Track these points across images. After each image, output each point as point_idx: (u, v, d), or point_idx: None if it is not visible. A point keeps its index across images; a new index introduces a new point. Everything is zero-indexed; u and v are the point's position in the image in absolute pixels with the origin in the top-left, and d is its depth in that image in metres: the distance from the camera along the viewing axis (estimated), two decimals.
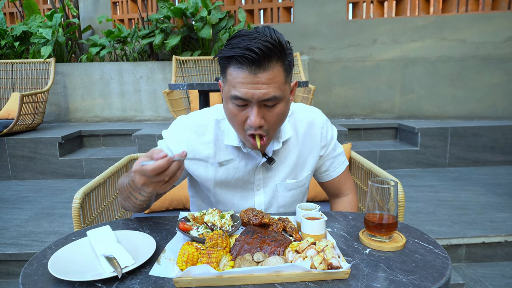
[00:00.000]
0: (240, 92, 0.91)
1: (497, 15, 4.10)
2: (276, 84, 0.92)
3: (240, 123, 0.97)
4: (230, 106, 0.97)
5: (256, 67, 0.89)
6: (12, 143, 3.59)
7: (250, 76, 0.90)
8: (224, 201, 1.17)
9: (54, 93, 4.66)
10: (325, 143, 1.21)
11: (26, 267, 0.80)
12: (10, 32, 4.57)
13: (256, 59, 0.88)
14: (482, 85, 4.26)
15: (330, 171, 1.26)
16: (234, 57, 0.89)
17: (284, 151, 1.15)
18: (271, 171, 1.15)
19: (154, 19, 4.48)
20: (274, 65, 0.91)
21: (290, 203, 1.20)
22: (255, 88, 0.90)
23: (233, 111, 0.96)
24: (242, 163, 1.12)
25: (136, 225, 1.04)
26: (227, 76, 0.94)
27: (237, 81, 0.91)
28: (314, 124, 1.19)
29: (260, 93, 0.91)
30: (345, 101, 4.61)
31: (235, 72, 0.91)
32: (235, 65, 0.91)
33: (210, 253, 0.78)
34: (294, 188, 1.19)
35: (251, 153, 1.11)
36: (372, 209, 0.91)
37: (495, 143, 3.73)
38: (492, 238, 2.17)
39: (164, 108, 4.68)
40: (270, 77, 0.90)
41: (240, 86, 0.91)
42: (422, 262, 0.81)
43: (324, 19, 4.48)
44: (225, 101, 0.99)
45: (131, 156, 1.88)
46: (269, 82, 0.91)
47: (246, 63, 0.89)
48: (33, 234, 2.31)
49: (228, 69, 0.93)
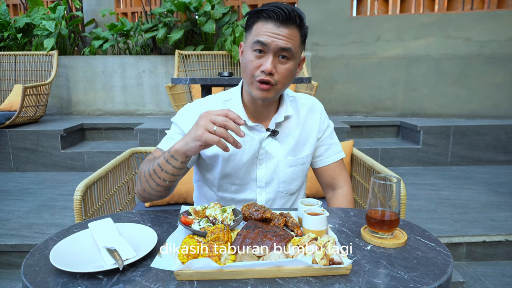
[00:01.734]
0: (262, 38, 1.04)
1: (502, 13, 4.07)
2: (293, 42, 1.06)
3: (253, 69, 1.07)
4: (249, 54, 1.08)
5: (281, 23, 1.03)
6: (14, 135, 3.60)
7: (274, 28, 1.04)
8: (230, 174, 1.21)
9: (56, 86, 4.66)
10: (322, 127, 1.30)
11: (27, 258, 0.80)
12: (13, 24, 4.56)
13: (283, 16, 1.02)
14: (486, 84, 4.24)
15: (324, 157, 1.31)
16: (264, 11, 1.04)
17: (286, 129, 1.23)
18: (274, 147, 1.21)
19: (157, 13, 4.47)
20: (294, 28, 1.06)
21: (290, 180, 1.25)
22: (276, 37, 1.04)
23: (250, 58, 1.07)
24: (248, 137, 1.19)
25: (137, 218, 1.04)
26: (253, 29, 1.08)
27: (262, 30, 1.05)
28: (314, 108, 1.29)
29: (279, 43, 1.04)
30: (347, 98, 4.60)
31: (261, 24, 1.06)
32: (263, 19, 1.05)
33: (212, 247, 0.78)
34: (294, 165, 1.24)
35: (256, 127, 1.18)
36: (374, 206, 0.91)
37: (497, 142, 3.71)
38: (493, 237, 2.17)
39: (166, 103, 4.68)
40: (290, 34, 1.05)
41: (264, 34, 1.04)
42: (423, 259, 0.81)
43: (328, 15, 4.45)
44: (246, 52, 1.10)
45: (132, 150, 1.88)
46: (288, 37, 1.05)
47: (274, 18, 1.03)
48: (34, 225, 2.32)
49: (255, 24, 1.07)
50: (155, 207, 1.89)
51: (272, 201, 1.25)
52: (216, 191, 1.25)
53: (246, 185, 1.23)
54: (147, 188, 1.07)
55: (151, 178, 1.04)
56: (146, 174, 1.06)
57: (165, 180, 1.03)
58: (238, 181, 1.22)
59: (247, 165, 1.20)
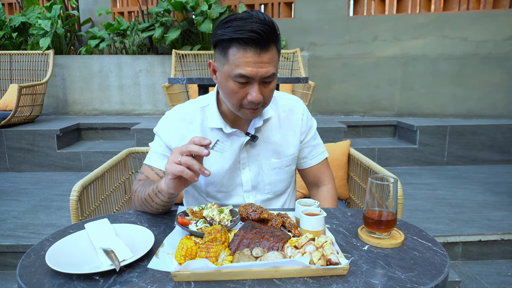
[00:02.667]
0: (245, 71, 0.98)
1: (498, 13, 4.08)
2: (274, 63, 1.02)
3: (239, 99, 1.04)
4: (231, 84, 1.02)
5: (260, 49, 0.97)
6: (10, 135, 3.58)
7: (255, 56, 0.97)
8: (214, 181, 1.21)
9: (52, 85, 4.64)
10: (305, 129, 1.28)
11: (23, 259, 0.80)
12: (8, 23, 4.53)
13: (261, 41, 0.96)
14: (482, 84, 4.26)
15: (308, 159, 1.31)
16: (240, 39, 0.96)
17: (266, 131, 1.22)
18: (255, 150, 1.21)
19: (154, 12, 4.45)
20: (272, 46, 1.00)
21: (276, 181, 1.25)
22: (259, 67, 0.98)
23: (234, 89, 1.02)
24: (227, 143, 1.19)
25: (134, 218, 1.04)
26: (229, 56, 1.00)
27: (242, 61, 0.98)
28: (295, 110, 1.27)
29: (263, 71, 0.99)
30: (344, 98, 4.61)
31: (239, 52, 0.98)
32: (239, 46, 0.97)
33: (209, 248, 0.78)
34: (279, 167, 1.24)
35: (234, 133, 1.18)
36: (371, 206, 0.91)
37: (493, 141, 3.73)
38: (488, 236, 2.18)
39: (163, 102, 4.67)
40: (270, 57, 1.00)
41: (245, 65, 0.98)
42: (420, 259, 0.81)
43: (325, 15, 4.46)
44: (225, 80, 1.04)
45: (129, 150, 1.88)
46: (270, 61, 1.00)
47: (252, 45, 0.96)
48: (30, 226, 2.31)
49: (229, 50, 0.99)
50: None
51: (261, 204, 1.25)
52: (205, 197, 1.25)
53: (232, 191, 1.23)
54: (145, 209, 1.09)
55: (145, 204, 1.06)
56: (140, 199, 1.07)
57: (158, 209, 1.05)
58: (224, 188, 1.21)
59: (229, 171, 1.20)
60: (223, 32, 0.98)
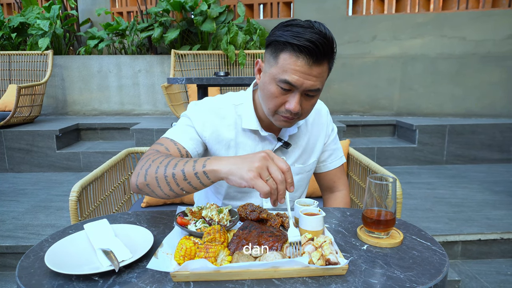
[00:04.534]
0: (291, 78, 0.96)
1: (497, 12, 4.09)
2: (323, 79, 1.00)
3: (277, 105, 1.02)
4: (273, 88, 1.00)
5: (313, 61, 0.95)
6: (9, 136, 3.58)
7: (305, 67, 0.95)
8: None
9: (51, 86, 4.64)
10: (328, 132, 1.28)
11: (22, 260, 0.80)
12: (7, 23, 4.53)
13: (316, 53, 0.93)
14: (481, 83, 4.26)
15: (327, 163, 1.30)
16: (295, 45, 0.93)
17: (295, 137, 1.21)
18: (282, 155, 1.19)
19: (153, 12, 4.45)
20: (325, 62, 0.98)
21: (297, 187, 1.23)
22: (307, 78, 0.96)
23: (275, 93, 1.00)
24: (259, 147, 1.16)
25: (133, 219, 1.04)
26: (279, 60, 0.97)
27: (292, 68, 0.95)
28: (321, 113, 1.27)
29: (309, 84, 0.97)
30: (344, 98, 4.61)
31: (291, 58, 0.95)
32: (292, 52, 0.95)
33: (208, 248, 0.78)
34: (301, 173, 1.23)
35: (267, 137, 1.16)
36: (370, 206, 0.91)
37: (492, 141, 3.74)
38: (488, 235, 2.18)
39: (162, 102, 4.67)
40: (320, 72, 0.98)
41: (293, 73, 0.95)
42: (419, 259, 0.81)
43: (324, 14, 4.46)
44: (268, 82, 1.02)
45: (128, 150, 1.88)
46: (319, 76, 0.98)
47: (305, 54, 0.93)
48: (29, 226, 2.31)
49: (282, 53, 0.97)
50: (151, 207, 1.88)
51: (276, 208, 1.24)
52: (222, 199, 1.24)
53: (252, 192, 1.21)
54: (155, 188, 0.93)
55: (166, 182, 0.90)
56: (159, 175, 0.90)
57: (183, 190, 0.90)
58: (246, 189, 1.19)
59: None
60: (280, 34, 0.96)
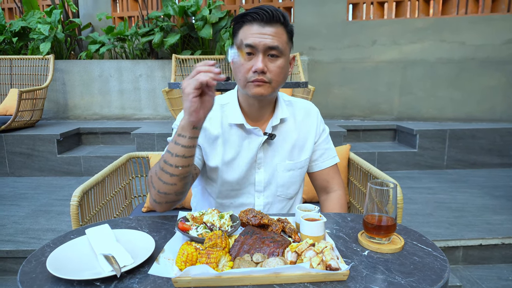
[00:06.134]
0: (250, 40, 1.07)
1: (496, 17, 4.11)
2: (280, 39, 1.09)
3: (246, 71, 1.10)
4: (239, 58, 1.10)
5: (266, 23, 1.07)
6: (10, 140, 3.58)
7: (259, 28, 1.07)
8: (230, 180, 1.22)
9: (52, 90, 4.65)
10: (319, 131, 1.31)
11: (24, 265, 0.80)
12: (8, 28, 4.55)
13: (266, 16, 1.06)
14: (481, 88, 4.27)
15: (319, 162, 1.32)
16: (248, 15, 1.07)
17: (283, 132, 1.24)
18: (272, 151, 1.23)
19: (154, 17, 4.47)
20: (279, 26, 1.09)
21: (289, 184, 1.26)
22: (262, 37, 1.07)
23: (241, 61, 1.10)
24: (246, 141, 1.21)
25: (135, 224, 1.04)
26: (239, 34, 1.11)
27: (248, 33, 1.08)
28: (311, 112, 1.31)
29: (266, 41, 1.06)
30: (344, 102, 4.62)
31: (246, 28, 1.09)
32: (247, 22, 1.09)
33: (209, 253, 0.78)
34: (292, 169, 1.26)
35: (253, 130, 1.19)
36: (371, 211, 0.91)
37: (493, 145, 3.74)
38: (489, 241, 2.18)
39: (163, 107, 4.68)
40: (276, 32, 1.08)
41: (251, 36, 1.07)
42: (420, 264, 0.81)
43: (324, 19, 4.48)
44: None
45: (129, 155, 1.88)
46: (275, 35, 1.08)
47: (258, 19, 1.07)
48: (30, 231, 2.31)
49: (241, 29, 1.11)
50: (152, 212, 1.89)
51: (270, 205, 1.26)
52: (215, 198, 1.26)
53: (244, 189, 1.24)
54: (161, 187, 1.00)
55: (163, 171, 0.98)
56: (158, 171, 1.01)
57: (177, 166, 0.97)
58: (237, 186, 1.23)
59: (245, 169, 1.21)
60: (237, 16, 1.11)
